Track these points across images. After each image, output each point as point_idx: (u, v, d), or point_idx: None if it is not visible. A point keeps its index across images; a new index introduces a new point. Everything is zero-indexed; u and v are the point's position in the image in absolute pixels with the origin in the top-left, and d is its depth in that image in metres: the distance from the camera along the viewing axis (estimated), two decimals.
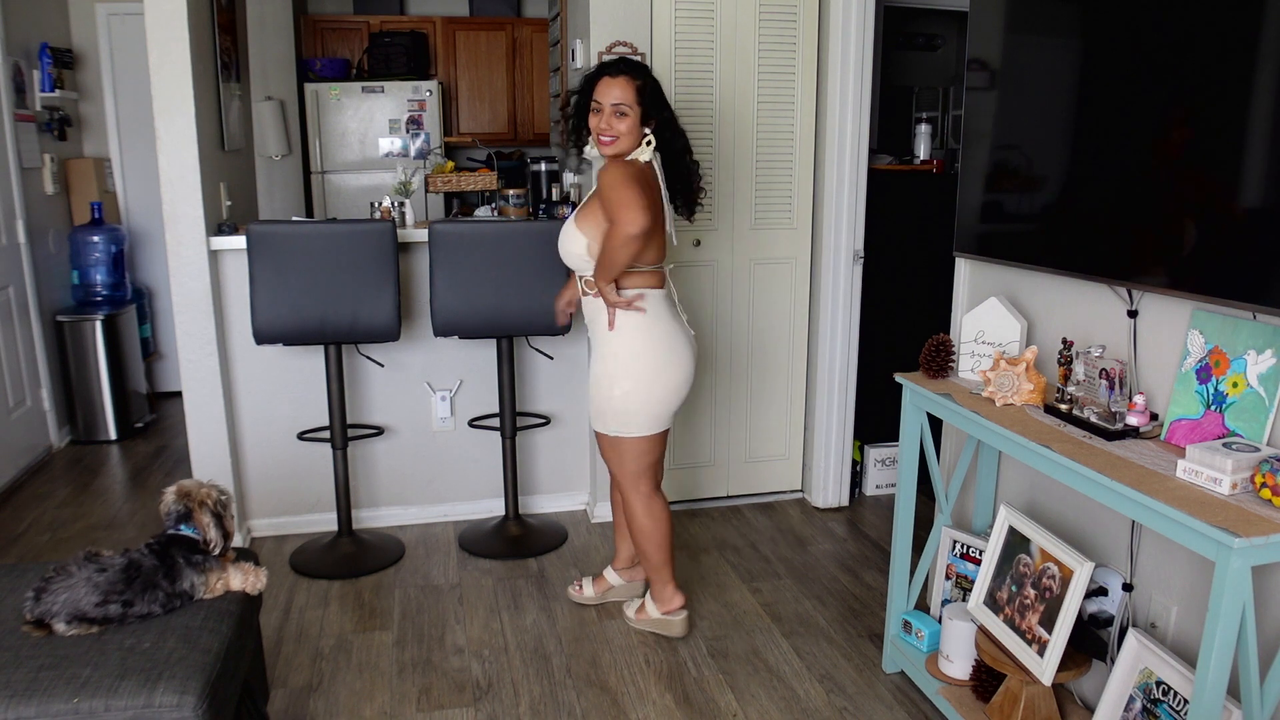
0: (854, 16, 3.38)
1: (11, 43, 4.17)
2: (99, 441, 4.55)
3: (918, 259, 3.82)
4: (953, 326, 2.71)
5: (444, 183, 4.65)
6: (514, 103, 6.17)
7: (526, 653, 2.68)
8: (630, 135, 2.44)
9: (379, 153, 5.68)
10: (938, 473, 2.52)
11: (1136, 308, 2.05)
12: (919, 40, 5.11)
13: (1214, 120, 1.76)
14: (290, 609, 2.92)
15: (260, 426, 3.33)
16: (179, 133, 3.07)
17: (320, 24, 5.86)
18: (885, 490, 3.87)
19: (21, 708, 1.62)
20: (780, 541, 3.45)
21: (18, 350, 4.13)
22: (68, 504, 3.79)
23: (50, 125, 4.53)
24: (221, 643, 1.83)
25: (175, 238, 3.12)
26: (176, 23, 3.02)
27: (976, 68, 2.46)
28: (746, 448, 3.76)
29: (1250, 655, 1.57)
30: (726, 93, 3.44)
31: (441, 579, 3.13)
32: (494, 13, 6.11)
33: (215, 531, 1.98)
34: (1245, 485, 1.61)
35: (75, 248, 4.62)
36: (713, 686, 2.52)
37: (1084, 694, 2.25)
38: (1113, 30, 2.01)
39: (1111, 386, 1.94)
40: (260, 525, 3.45)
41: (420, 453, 3.53)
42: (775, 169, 3.55)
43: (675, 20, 3.36)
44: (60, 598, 1.79)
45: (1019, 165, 2.36)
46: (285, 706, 2.42)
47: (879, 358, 3.76)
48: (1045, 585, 2.04)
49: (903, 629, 2.55)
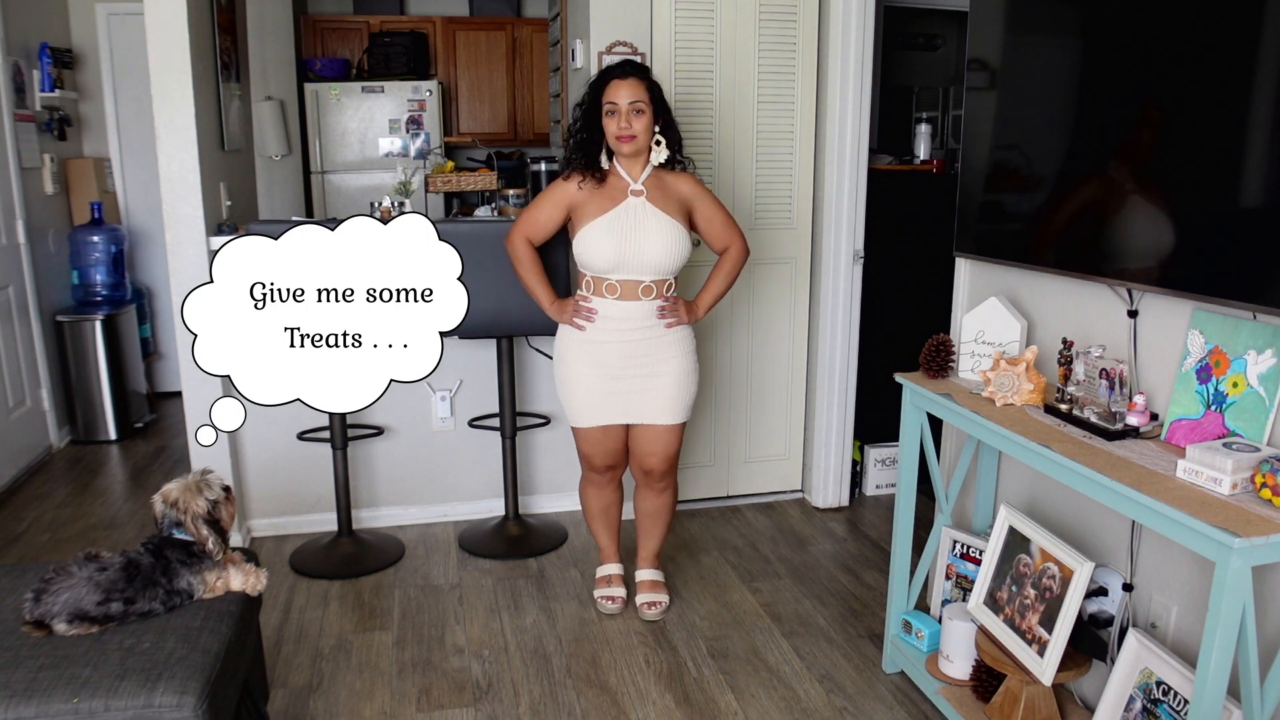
0: (854, 16, 3.38)
1: (11, 43, 4.17)
2: (99, 441, 4.54)
3: (918, 259, 3.82)
4: (953, 326, 2.71)
5: (444, 183, 4.66)
6: (514, 103, 6.17)
7: (526, 653, 2.68)
8: (646, 133, 2.53)
9: (379, 153, 5.69)
10: (938, 473, 2.52)
11: (1136, 308, 2.05)
12: (919, 40, 5.11)
13: (1214, 119, 1.76)
14: (290, 609, 2.92)
15: (260, 426, 3.33)
16: (179, 133, 3.07)
17: (320, 24, 5.86)
18: (885, 490, 3.87)
19: (21, 708, 1.62)
20: (780, 541, 3.45)
21: (18, 350, 4.13)
22: (67, 504, 3.79)
23: (50, 125, 4.53)
24: (221, 643, 1.83)
25: (175, 238, 3.12)
26: (176, 23, 3.02)
27: (976, 68, 2.46)
28: (746, 448, 3.76)
29: (1250, 655, 1.57)
30: (726, 93, 3.44)
31: (441, 579, 3.13)
32: (494, 13, 6.11)
33: (214, 541, 1.95)
34: (1245, 485, 1.61)
35: (75, 248, 4.62)
36: (713, 686, 2.52)
37: (1084, 694, 2.25)
38: (1112, 29, 2.01)
39: (1111, 386, 1.94)
40: (260, 525, 3.45)
41: (420, 453, 3.53)
42: (775, 169, 3.55)
43: (675, 20, 3.36)
44: (61, 597, 1.79)
45: (1019, 165, 2.36)
46: (285, 706, 2.42)
47: (879, 358, 3.76)
48: (1045, 585, 2.04)
49: (903, 629, 2.55)
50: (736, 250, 2.71)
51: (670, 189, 2.61)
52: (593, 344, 2.63)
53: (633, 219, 2.55)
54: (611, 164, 2.60)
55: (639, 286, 2.58)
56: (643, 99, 2.50)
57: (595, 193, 2.57)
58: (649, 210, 2.55)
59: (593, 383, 2.65)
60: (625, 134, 2.50)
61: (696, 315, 2.71)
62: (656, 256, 2.55)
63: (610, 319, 2.61)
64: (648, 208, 2.56)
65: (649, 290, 2.59)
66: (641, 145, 2.54)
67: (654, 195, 2.58)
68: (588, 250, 2.56)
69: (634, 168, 2.59)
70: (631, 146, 2.52)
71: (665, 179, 2.62)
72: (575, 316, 2.63)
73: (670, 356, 2.65)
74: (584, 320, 2.62)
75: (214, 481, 2.02)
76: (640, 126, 2.50)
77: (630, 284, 2.58)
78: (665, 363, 2.65)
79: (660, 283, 2.60)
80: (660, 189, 2.60)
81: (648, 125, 2.52)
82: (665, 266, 2.57)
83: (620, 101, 2.49)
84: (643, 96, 2.50)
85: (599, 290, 2.60)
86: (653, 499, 2.84)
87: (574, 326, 2.64)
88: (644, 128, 2.51)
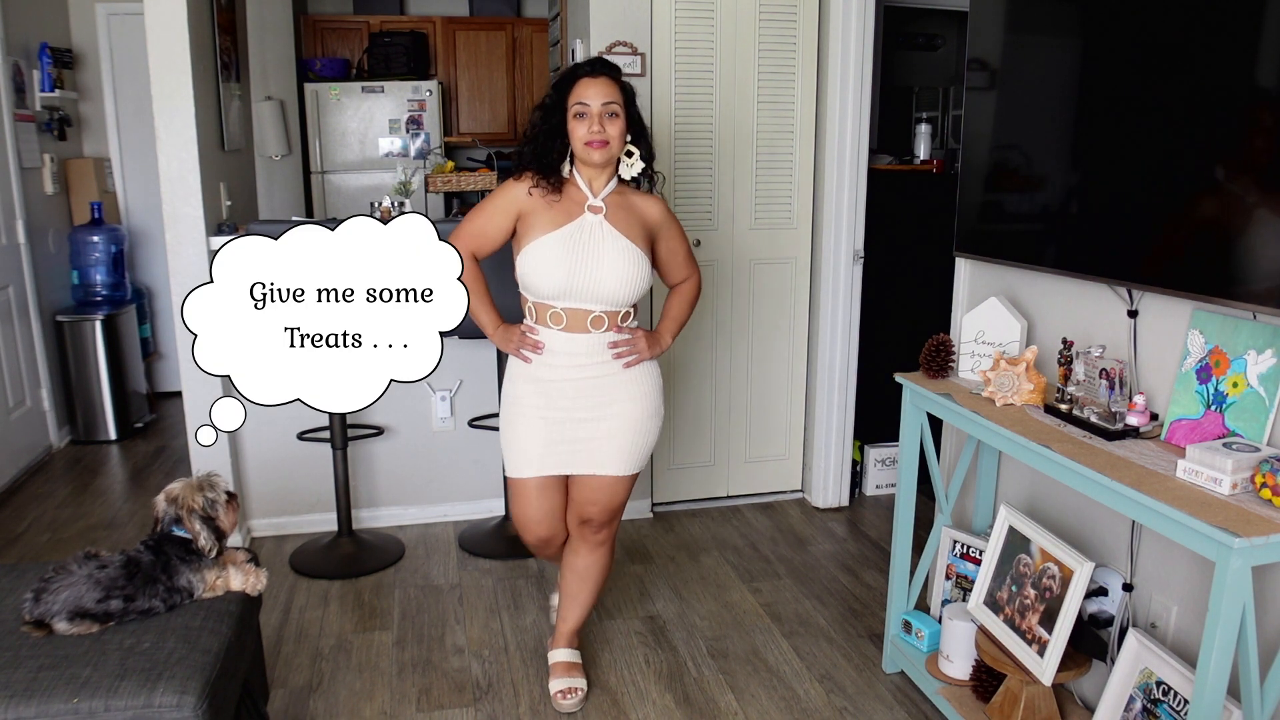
0: (854, 16, 3.38)
1: (11, 43, 4.17)
2: (99, 441, 4.54)
3: (918, 259, 3.82)
4: (953, 326, 2.71)
5: (444, 183, 4.66)
6: (514, 103, 6.16)
7: (526, 653, 2.68)
8: (619, 141, 2.19)
9: (379, 153, 5.68)
10: (938, 473, 2.52)
11: (1136, 308, 2.05)
12: (919, 40, 5.11)
13: (1214, 119, 1.76)
14: (290, 609, 2.92)
15: (260, 426, 3.33)
16: (179, 133, 3.07)
17: (320, 24, 5.86)
18: (885, 490, 3.87)
19: (21, 708, 1.62)
20: (780, 541, 3.45)
21: (18, 350, 4.13)
22: (68, 504, 3.79)
23: (50, 125, 4.53)
24: (221, 643, 1.83)
25: (175, 238, 3.12)
26: (176, 23, 3.02)
27: (976, 68, 2.46)
28: (746, 447, 3.76)
29: (1250, 655, 1.57)
30: (726, 93, 3.44)
31: (441, 579, 3.13)
32: (494, 13, 6.11)
33: (206, 537, 1.96)
34: (1245, 485, 1.61)
35: (75, 248, 4.62)
36: (713, 686, 2.52)
37: (1084, 694, 2.25)
38: (1112, 29, 2.01)
39: (1111, 386, 1.94)
40: (260, 525, 3.45)
41: (420, 453, 3.53)
42: (775, 169, 3.55)
43: (675, 20, 3.36)
44: (61, 595, 1.80)
45: (1019, 165, 2.36)
46: (285, 706, 2.42)
47: (879, 358, 3.76)
48: (1045, 585, 2.04)
49: (903, 629, 2.55)
50: (695, 281, 2.43)
51: (635, 210, 2.25)
52: (540, 381, 2.26)
53: (587, 239, 2.17)
54: (571, 173, 2.23)
55: (588, 317, 2.21)
56: (617, 101, 2.16)
57: (548, 203, 2.20)
58: (606, 231, 2.19)
59: (537, 426, 2.27)
60: (597, 139, 2.14)
61: (662, 347, 2.35)
62: (611, 286, 2.18)
63: (556, 353, 2.24)
64: (605, 228, 2.19)
65: (599, 321, 2.21)
66: (614, 154, 2.19)
67: (615, 215, 2.21)
68: (532, 270, 2.18)
69: (596, 180, 2.22)
70: (603, 154, 2.17)
71: (630, 198, 2.26)
72: (521, 347, 2.27)
73: (627, 397, 2.27)
74: (530, 352, 2.26)
75: (218, 484, 2.05)
76: (614, 132, 2.16)
77: (578, 313, 2.20)
78: (620, 404, 2.27)
79: (613, 314, 2.23)
80: (623, 209, 2.23)
81: (622, 132, 2.18)
82: (619, 297, 2.20)
83: (592, 103, 2.14)
84: (617, 98, 2.17)
85: (543, 319, 2.23)
86: (585, 555, 2.41)
87: (519, 358, 2.29)
88: (618, 134, 2.17)
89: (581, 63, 2.24)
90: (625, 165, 2.24)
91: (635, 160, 2.24)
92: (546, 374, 2.25)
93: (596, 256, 2.17)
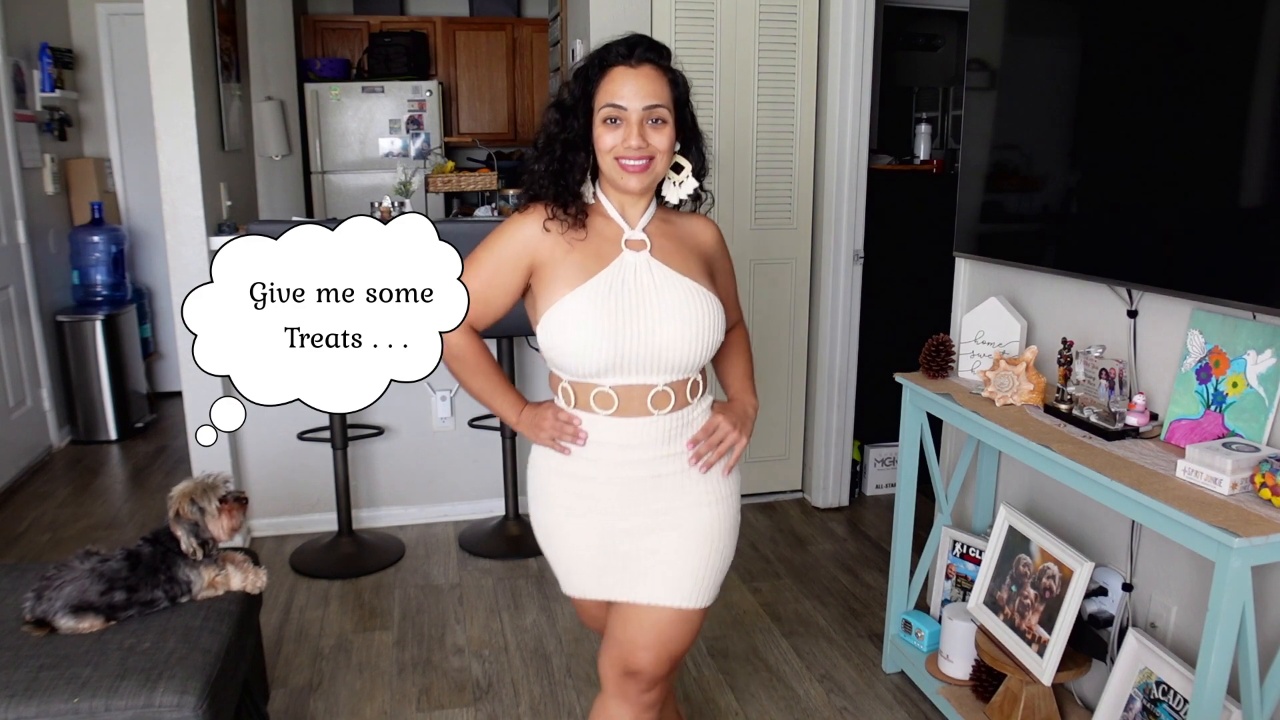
0: (854, 16, 3.38)
1: (11, 43, 4.17)
2: (99, 441, 4.54)
3: (918, 259, 3.82)
4: (953, 326, 2.71)
5: (444, 183, 4.66)
6: (514, 103, 6.17)
7: (526, 653, 2.68)
8: (665, 157, 1.54)
9: (379, 153, 5.68)
10: (938, 473, 2.52)
11: (1136, 308, 2.05)
12: (919, 40, 5.11)
13: (1213, 119, 1.76)
14: (290, 609, 2.93)
15: (260, 426, 3.33)
16: (179, 133, 3.07)
17: (320, 24, 5.86)
18: (885, 490, 3.87)
19: (21, 708, 1.62)
20: (780, 541, 3.45)
21: (18, 350, 4.13)
22: (68, 504, 3.79)
23: (50, 125, 4.53)
24: (221, 643, 1.83)
25: (175, 237, 3.12)
26: (176, 23, 3.02)
27: (976, 68, 2.46)
28: (746, 447, 3.76)
29: (1250, 655, 1.57)
30: (726, 93, 3.44)
31: (441, 579, 3.13)
32: (494, 13, 6.11)
33: (188, 543, 1.95)
34: (1245, 485, 1.61)
35: (75, 248, 4.62)
36: (713, 686, 2.52)
37: (1084, 694, 2.25)
38: (1112, 29, 2.01)
39: (1111, 386, 1.94)
40: (260, 525, 3.45)
41: (420, 453, 3.53)
42: (775, 169, 3.55)
43: (675, 20, 3.36)
44: (64, 591, 1.81)
45: (1019, 165, 2.36)
46: (285, 706, 2.42)
47: (879, 358, 3.76)
48: (1045, 585, 2.04)
49: (903, 629, 2.55)
50: (742, 324, 1.88)
51: (687, 237, 1.64)
52: (579, 479, 1.61)
53: (635, 287, 1.53)
54: (595, 197, 1.60)
55: (648, 394, 1.55)
56: (665, 102, 1.52)
57: (571, 243, 1.55)
58: (658, 271, 1.55)
59: (587, 538, 1.64)
60: (637, 156, 1.50)
61: (752, 417, 1.74)
62: (678, 348, 1.53)
63: (603, 444, 1.58)
64: (656, 267, 1.55)
65: (663, 399, 1.56)
66: (658, 176, 1.55)
67: (663, 247, 1.58)
68: (565, 342, 1.53)
69: (633, 206, 1.58)
70: (642, 181, 1.52)
71: (677, 222, 1.64)
72: (557, 438, 1.60)
73: (699, 501, 1.63)
74: (569, 443, 1.60)
75: (220, 489, 2.02)
76: (661, 144, 1.52)
77: (634, 391, 1.55)
78: (690, 509, 1.62)
79: (680, 385, 1.58)
80: (671, 238, 1.60)
81: (670, 144, 1.53)
82: (690, 360, 1.55)
83: (630, 105, 1.50)
84: (665, 98, 1.52)
85: (584, 402, 1.58)
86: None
87: (556, 449, 1.62)
88: (666, 147, 1.52)
89: (616, 42, 1.58)
90: (670, 185, 1.61)
91: (685, 177, 1.61)
92: (588, 470, 1.60)
93: (652, 309, 1.52)
